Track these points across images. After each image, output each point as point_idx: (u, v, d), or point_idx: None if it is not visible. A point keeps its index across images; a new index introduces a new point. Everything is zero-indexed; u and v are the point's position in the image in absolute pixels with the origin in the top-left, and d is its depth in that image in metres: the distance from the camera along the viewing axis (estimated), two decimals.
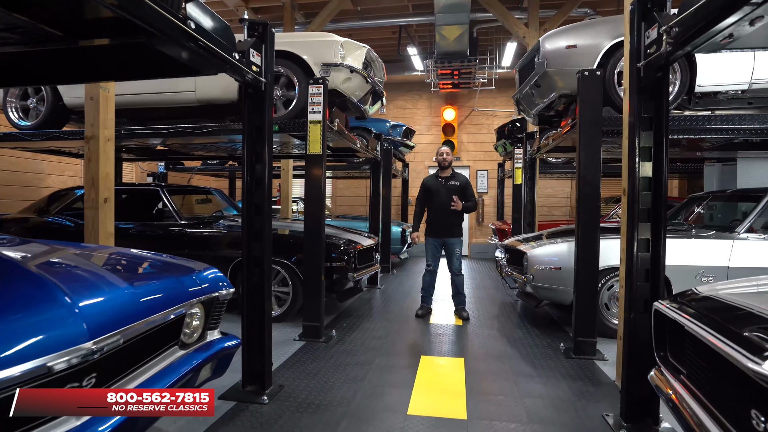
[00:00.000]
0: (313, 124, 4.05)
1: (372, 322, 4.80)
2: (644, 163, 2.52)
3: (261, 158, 2.87)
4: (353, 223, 8.72)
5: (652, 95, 2.49)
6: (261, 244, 2.89)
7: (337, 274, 4.70)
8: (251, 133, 2.88)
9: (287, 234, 5.05)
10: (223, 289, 2.24)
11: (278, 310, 4.70)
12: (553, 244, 4.51)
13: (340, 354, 3.74)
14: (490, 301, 6.00)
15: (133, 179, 10.41)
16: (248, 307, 2.89)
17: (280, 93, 4.72)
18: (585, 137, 3.72)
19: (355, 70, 4.69)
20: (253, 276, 2.90)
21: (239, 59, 2.52)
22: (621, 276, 3.22)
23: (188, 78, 4.89)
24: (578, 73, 3.75)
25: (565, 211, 11.54)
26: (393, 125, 9.10)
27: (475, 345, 4.07)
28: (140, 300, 1.71)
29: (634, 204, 2.53)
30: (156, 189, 5.16)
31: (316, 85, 4.06)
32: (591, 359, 3.68)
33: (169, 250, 5.07)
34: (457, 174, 5.17)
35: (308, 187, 4.12)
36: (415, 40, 9.77)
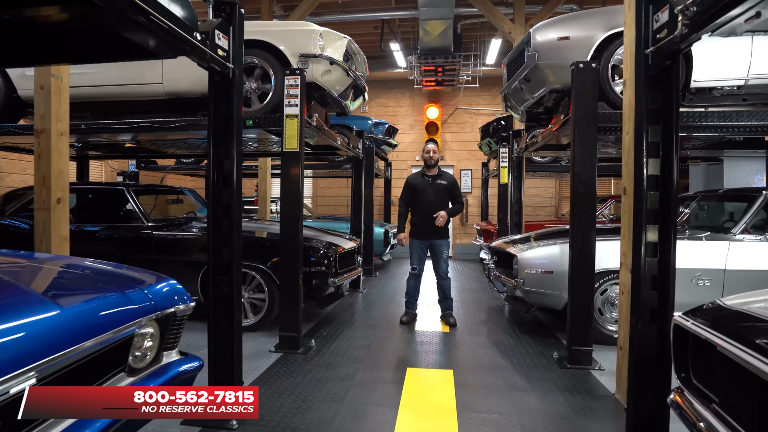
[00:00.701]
0: (289, 118, 3.75)
1: (354, 330, 4.52)
2: (651, 159, 2.30)
3: (229, 154, 2.56)
4: (334, 224, 8.43)
5: (660, 85, 2.27)
6: (229, 249, 2.59)
7: (317, 280, 4.40)
8: (218, 126, 2.57)
9: (263, 237, 4.73)
10: (181, 303, 1.94)
11: (253, 318, 4.39)
12: (545, 247, 4.30)
13: (320, 367, 3.45)
14: (476, 305, 5.78)
15: (102, 179, 9.91)
16: (215, 320, 2.59)
17: (254, 86, 4.40)
18: (580, 133, 3.51)
19: (335, 62, 4.40)
20: (220, 285, 2.59)
21: (202, 40, 2.21)
22: (621, 282, 3.02)
23: (155, 69, 4.55)
24: (573, 65, 3.54)
25: (549, 211, 11.44)
26: (375, 123, 8.83)
27: (464, 355, 3.83)
28: (69, 324, 1.40)
29: (641, 204, 2.30)
30: (120, 188, 4.79)
31: (293, 77, 3.76)
32: (587, 369, 3.47)
33: (134, 255, 4.76)
34: (444, 172, 4.93)
35: (285, 186, 3.81)
36: (397, 36, 9.51)
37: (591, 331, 3.56)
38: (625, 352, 2.89)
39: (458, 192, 4.90)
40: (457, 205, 4.83)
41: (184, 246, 4.55)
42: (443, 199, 4.82)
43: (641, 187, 2.31)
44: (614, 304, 4.09)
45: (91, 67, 4.61)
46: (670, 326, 2.32)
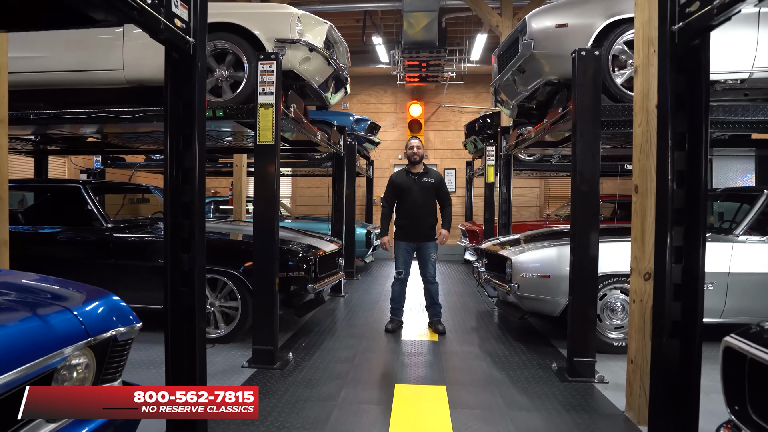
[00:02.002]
0: (264, 108, 3.38)
1: (336, 340, 4.17)
2: (677, 152, 2.01)
3: (190, 144, 2.19)
4: (314, 224, 8.05)
5: (687, 68, 1.99)
6: (191, 255, 2.21)
7: (295, 285, 4.03)
8: (177, 112, 2.19)
9: (235, 239, 4.35)
10: (123, 325, 1.57)
11: (224, 328, 4.00)
12: (541, 249, 4.03)
13: (298, 385, 3.09)
14: (465, 310, 5.48)
15: (66, 176, 9.31)
16: (173, 340, 2.20)
17: (226, 73, 4.02)
18: (582, 126, 3.23)
19: (315, 49, 4.04)
20: (180, 298, 2.21)
21: (154, 5, 1.84)
22: (632, 289, 2.74)
23: (114, 53, 4.11)
24: (574, 52, 3.27)
25: (534, 212, 11.26)
26: (357, 119, 8.48)
27: (456, 367, 3.52)
28: None
29: (666, 203, 2.02)
30: (76, 186, 4.32)
31: (268, 62, 3.40)
32: (590, 382, 3.20)
33: (90, 260, 4.31)
34: (429, 169, 4.62)
35: (258, 183, 3.44)
36: (380, 29, 9.18)
37: (594, 341, 3.29)
38: (638, 367, 2.62)
39: (445, 191, 4.61)
40: (448, 212, 4.53)
41: (148, 250, 4.13)
42: (430, 198, 4.52)
43: (665, 183, 2.02)
44: (614, 310, 3.85)
45: (43, 51, 4.16)
46: (695, 342, 2.07)
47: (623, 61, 3.77)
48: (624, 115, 3.52)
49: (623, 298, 3.85)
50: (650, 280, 2.54)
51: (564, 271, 3.75)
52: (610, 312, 3.85)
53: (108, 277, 4.09)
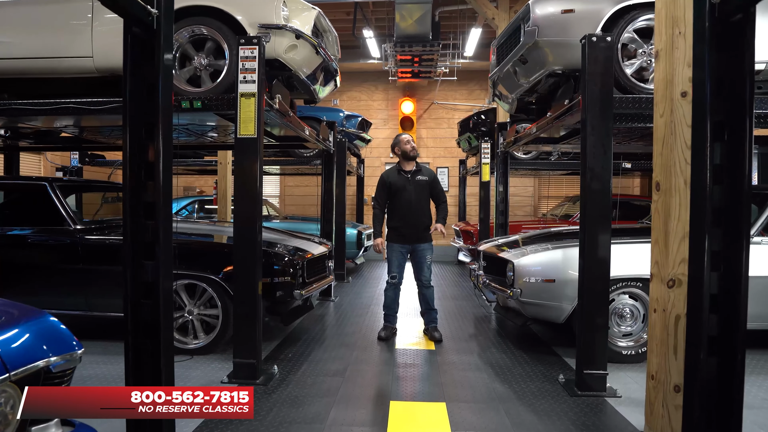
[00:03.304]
0: (245, 97, 3.08)
1: (325, 350, 3.87)
2: (717, 144, 1.75)
3: (153, 133, 1.89)
4: (303, 225, 7.74)
5: (728, 47, 1.73)
6: (155, 263, 1.91)
7: (281, 291, 3.73)
8: (138, 97, 1.89)
9: (216, 241, 4.04)
10: (55, 353, 1.27)
11: (204, 338, 3.69)
12: (545, 252, 3.77)
13: (283, 404, 2.79)
14: (461, 315, 5.22)
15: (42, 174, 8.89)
16: (134, 359, 1.90)
17: (205, 62, 3.71)
18: (593, 119, 2.97)
19: (302, 36, 3.74)
20: (141, 313, 1.91)
21: None
22: (653, 297, 2.47)
23: (83, 38, 3.76)
24: (583, 38, 3.01)
25: (528, 211, 11.05)
26: (348, 116, 8.18)
27: (456, 381, 3.24)
28: None
29: (703, 202, 1.76)
30: (41, 184, 3.97)
31: (249, 47, 3.09)
32: (601, 396, 2.95)
33: (56, 265, 3.96)
34: (422, 166, 4.36)
35: (240, 180, 3.13)
36: (371, 23, 8.88)
37: (605, 351, 3.03)
38: (660, 384, 2.36)
39: (440, 188, 4.39)
40: (443, 209, 4.30)
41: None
42: (425, 196, 4.26)
43: (702, 179, 1.76)
44: (623, 316, 3.61)
45: (2, 36, 3.81)
46: (736, 361, 1.82)
47: (633, 50, 3.53)
48: (636, 107, 3.27)
49: (632, 303, 3.62)
50: (675, 288, 2.29)
51: (570, 275, 3.50)
52: (619, 318, 3.61)
53: (76, 284, 3.76)
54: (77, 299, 3.76)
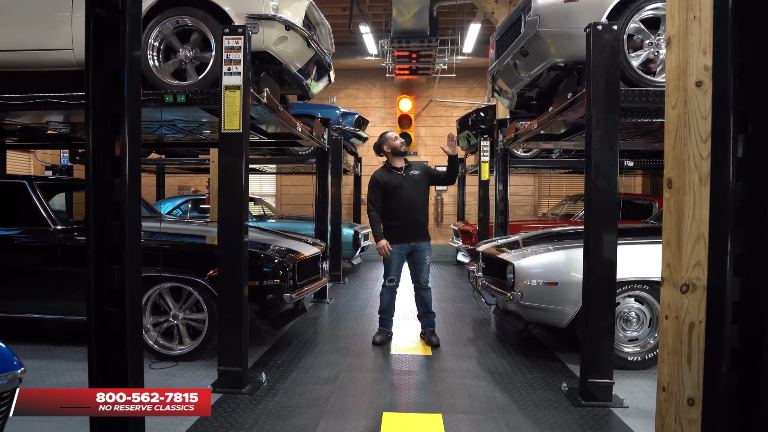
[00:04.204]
0: (229, 90, 2.90)
1: (317, 356, 3.70)
2: (741, 136, 1.59)
3: (119, 126, 1.71)
4: (299, 224, 7.58)
5: (753, 28, 1.56)
6: (122, 267, 1.74)
7: (271, 294, 3.56)
8: (101, 85, 1.72)
9: (201, 242, 3.87)
10: None
11: (190, 343, 3.52)
12: (546, 253, 3.60)
13: (269, 416, 2.63)
14: (459, 318, 5.05)
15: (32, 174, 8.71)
16: (98, 375, 1.73)
17: (191, 54, 3.55)
18: (598, 113, 2.81)
19: (292, 27, 3.57)
20: (108, 322, 1.74)
21: None
22: (664, 303, 2.30)
23: (63, 29, 3.58)
24: (588, 27, 2.84)
25: (528, 210, 10.89)
26: (344, 113, 8.02)
27: (454, 389, 3.07)
28: None
29: (726, 200, 1.59)
30: (21, 183, 3.80)
31: (234, 36, 2.92)
32: (607, 406, 2.78)
33: (35, 267, 3.78)
34: (411, 162, 4.21)
35: (224, 178, 2.96)
36: (368, 19, 8.70)
37: (611, 358, 2.86)
38: (672, 396, 2.19)
39: (435, 170, 4.33)
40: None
41: None
42: (422, 191, 4.12)
43: (725, 175, 1.59)
44: (628, 320, 3.44)
45: None
46: (762, 372, 1.65)
47: (639, 41, 3.37)
48: (643, 101, 3.11)
49: (638, 306, 3.45)
50: (689, 293, 2.12)
51: (573, 278, 3.34)
52: (624, 322, 3.45)
53: (55, 287, 3.60)
54: (56, 303, 3.59)
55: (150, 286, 3.44)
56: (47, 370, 3.25)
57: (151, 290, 3.45)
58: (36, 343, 3.81)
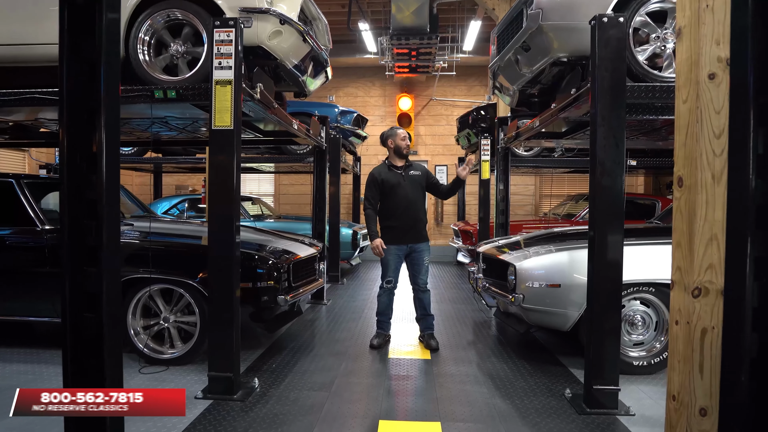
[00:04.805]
0: (220, 85, 2.80)
1: (312, 360, 3.60)
2: (762, 130, 1.48)
3: (95, 118, 1.61)
4: (297, 224, 7.48)
5: None
6: (99, 269, 1.63)
7: (265, 296, 3.45)
8: (76, 77, 1.61)
9: (191, 242, 3.76)
10: None
11: (181, 347, 3.41)
12: (549, 254, 3.49)
13: (260, 423, 2.52)
14: (459, 320, 4.94)
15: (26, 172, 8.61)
16: (74, 385, 1.62)
17: (182, 49, 3.45)
18: (603, 109, 2.70)
19: (287, 21, 3.47)
20: (83, 328, 1.63)
21: None
22: (674, 307, 2.19)
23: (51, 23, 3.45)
24: (593, 20, 2.73)
25: (528, 210, 10.77)
26: (342, 111, 7.90)
27: (453, 396, 2.96)
28: None
29: (746, 199, 1.48)
30: (8, 182, 3.70)
31: (225, 29, 2.81)
32: (613, 414, 2.67)
33: (22, 268, 3.67)
34: (412, 162, 4.11)
35: (214, 176, 2.85)
36: (367, 16, 8.59)
37: (617, 364, 2.76)
38: (683, 406, 2.08)
39: (435, 178, 4.21)
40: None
41: None
42: (421, 192, 4.02)
43: (745, 173, 1.48)
44: (634, 323, 3.33)
45: None
46: None
47: (645, 35, 3.26)
48: (649, 96, 3.00)
49: (643, 309, 3.34)
50: (701, 298, 2.01)
51: (576, 280, 3.23)
52: (629, 326, 3.34)
53: (43, 288, 3.48)
54: (44, 305, 3.49)
55: (140, 288, 3.34)
56: (33, 375, 3.15)
57: (140, 292, 3.35)
58: (25, 346, 3.70)
